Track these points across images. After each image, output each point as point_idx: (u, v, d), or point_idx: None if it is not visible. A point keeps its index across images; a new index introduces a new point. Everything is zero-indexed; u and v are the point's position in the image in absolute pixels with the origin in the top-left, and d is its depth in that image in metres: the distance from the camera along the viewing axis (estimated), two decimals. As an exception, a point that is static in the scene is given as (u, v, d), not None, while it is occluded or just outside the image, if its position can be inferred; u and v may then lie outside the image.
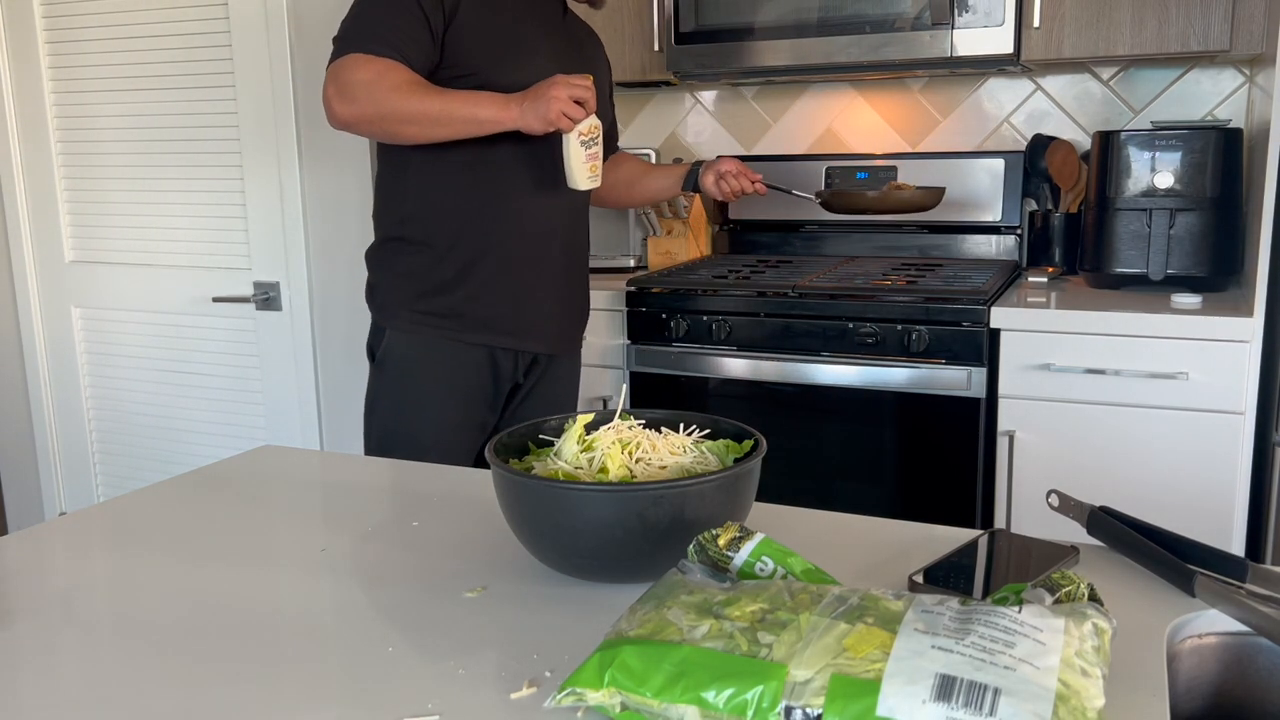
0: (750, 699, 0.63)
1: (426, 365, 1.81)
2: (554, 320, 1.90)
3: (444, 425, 1.81)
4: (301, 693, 0.75)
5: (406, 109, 1.65)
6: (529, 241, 1.82)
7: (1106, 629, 0.67)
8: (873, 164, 2.68)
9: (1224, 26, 2.11)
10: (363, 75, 1.65)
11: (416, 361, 1.81)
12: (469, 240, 1.79)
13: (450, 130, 1.68)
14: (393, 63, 1.66)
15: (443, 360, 1.81)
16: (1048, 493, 1.02)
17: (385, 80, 1.65)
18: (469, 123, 1.68)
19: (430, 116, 1.66)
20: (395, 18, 1.67)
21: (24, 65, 2.89)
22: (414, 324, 1.80)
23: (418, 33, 1.67)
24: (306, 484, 1.26)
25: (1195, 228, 2.16)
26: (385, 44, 1.66)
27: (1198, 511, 2.01)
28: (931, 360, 2.14)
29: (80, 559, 1.03)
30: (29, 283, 3.02)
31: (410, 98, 1.65)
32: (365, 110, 1.66)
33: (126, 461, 3.03)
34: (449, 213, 1.79)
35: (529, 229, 1.82)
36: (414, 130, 1.68)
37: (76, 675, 0.79)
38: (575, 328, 1.99)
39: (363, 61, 1.65)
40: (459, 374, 1.81)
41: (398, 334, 1.81)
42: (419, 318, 1.80)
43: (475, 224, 1.79)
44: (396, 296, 1.82)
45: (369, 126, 1.69)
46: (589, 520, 0.87)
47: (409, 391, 1.81)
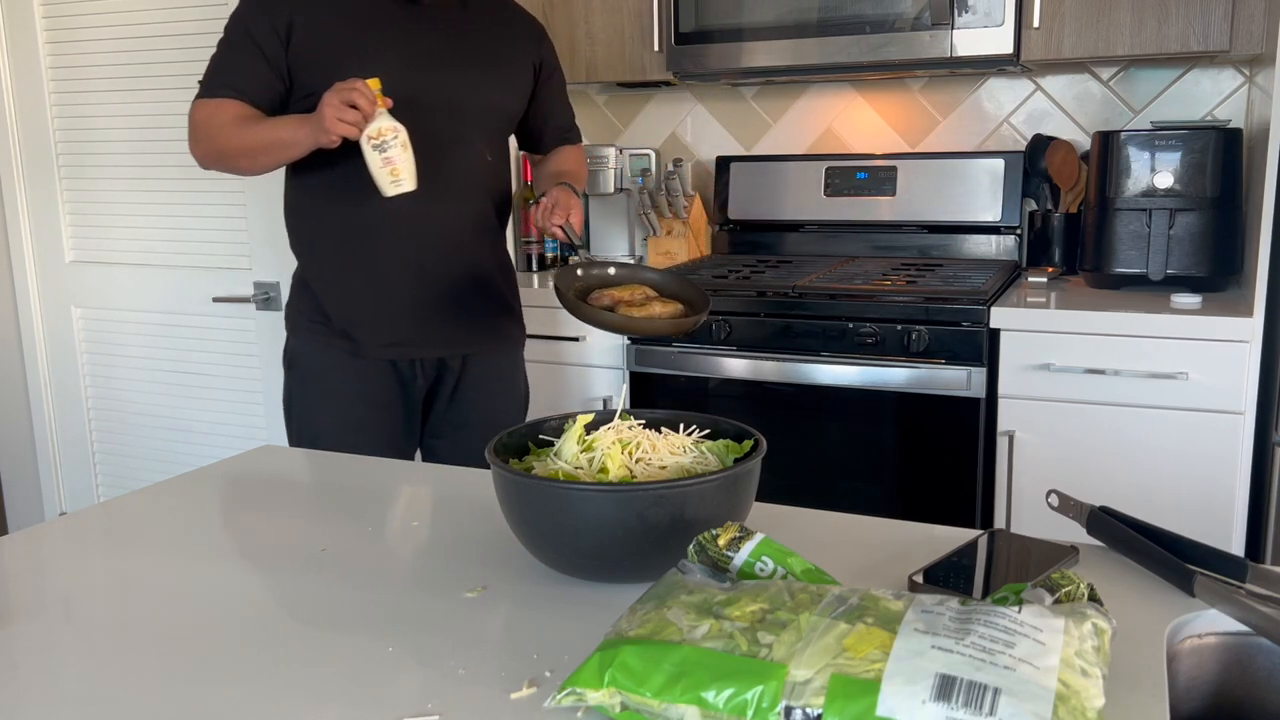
0: (750, 699, 0.63)
1: (328, 370, 1.83)
2: (444, 325, 1.85)
3: (355, 425, 1.81)
4: (301, 693, 0.75)
5: (233, 144, 1.72)
6: (396, 251, 1.79)
7: (1106, 629, 0.67)
8: (873, 164, 2.68)
9: (1224, 26, 2.11)
10: (198, 117, 1.74)
11: (319, 367, 1.84)
12: (339, 256, 1.80)
13: (272, 157, 1.71)
14: (224, 101, 1.72)
15: (341, 365, 1.82)
16: (1048, 493, 1.02)
17: (215, 120, 1.72)
18: (278, 147, 1.69)
19: (250, 148, 1.71)
20: (231, 54, 1.75)
21: (24, 65, 2.89)
22: (311, 334, 1.84)
23: (253, 65, 1.72)
24: (306, 484, 1.26)
25: (1195, 228, 2.16)
26: (221, 84, 1.74)
27: (1198, 511, 2.01)
28: (931, 360, 2.14)
29: (80, 559, 1.03)
30: (29, 283, 3.02)
31: (235, 133, 1.71)
32: (207, 149, 1.75)
33: (126, 461, 3.03)
34: (316, 231, 1.82)
35: (392, 239, 1.78)
36: (247, 163, 1.75)
37: (76, 675, 0.79)
38: (479, 328, 1.90)
39: (199, 105, 1.75)
40: (359, 378, 1.82)
41: (299, 343, 1.86)
42: (315, 327, 1.83)
43: (339, 240, 1.80)
44: (296, 307, 1.87)
45: (216, 164, 1.78)
46: (589, 520, 0.87)
47: (316, 394, 1.85)
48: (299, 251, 1.86)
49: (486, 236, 1.90)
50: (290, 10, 1.71)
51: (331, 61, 1.69)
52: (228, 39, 1.76)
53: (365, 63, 1.68)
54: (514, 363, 1.99)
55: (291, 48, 1.72)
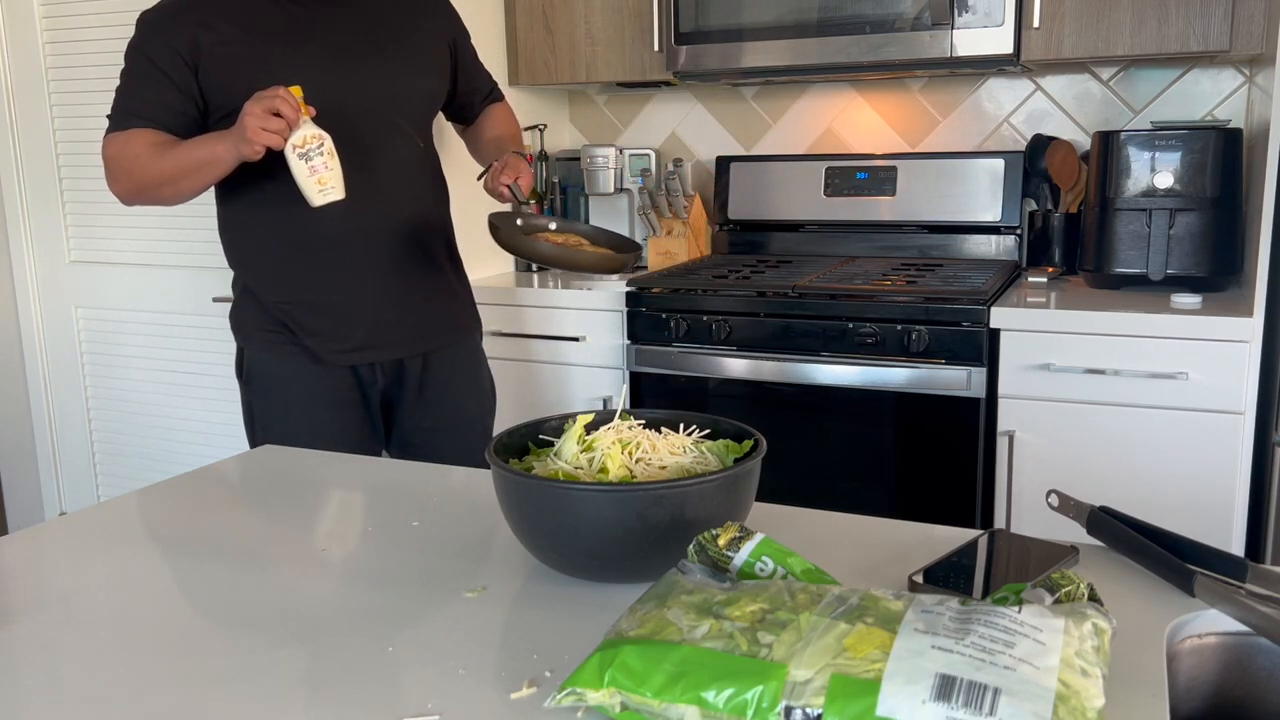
0: (750, 699, 0.63)
1: (286, 381, 1.80)
2: (395, 326, 1.82)
3: (318, 435, 1.75)
4: (302, 693, 0.75)
5: (150, 173, 1.67)
6: (329, 255, 1.75)
7: (1106, 629, 0.67)
8: (873, 164, 2.68)
9: (1224, 26, 2.11)
10: (110, 152, 1.70)
11: (276, 378, 1.81)
12: (283, 267, 1.77)
13: (195, 180, 1.67)
14: (134, 132, 1.68)
15: (300, 375, 1.80)
16: (1048, 493, 1.02)
17: (127, 151, 1.68)
18: (201, 166, 1.64)
19: (170, 174, 1.66)
20: (135, 84, 1.70)
21: (24, 65, 2.89)
22: (266, 344, 1.81)
23: (157, 91, 1.67)
24: (306, 484, 1.26)
25: (1195, 228, 2.16)
26: (127, 114, 1.69)
27: (1198, 511, 2.01)
28: (931, 360, 2.14)
29: (80, 559, 1.02)
30: (29, 283, 3.02)
31: (150, 162, 1.67)
32: (126, 185, 1.71)
33: (126, 461, 3.03)
34: (252, 243, 1.79)
35: (334, 245, 1.75)
36: (170, 190, 1.70)
37: (76, 675, 0.79)
38: (434, 324, 1.87)
39: (110, 140, 1.71)
40: (318, 385, 1.80)
41: (254, 353, 1.82)
42: (268, 337, 1.80)
43: (274, 250, 1.77)
44: (244, 318, 1.83)
45: (140, 197, 1.73)
46: (589, 520, 0.87)
47: (276, 405, 1.82)
48: (239, 264, 1.83)
49: (430, 227, 1.87)
50: (192, 31, 1.66)
51: (245, 76, 1.64)
52: (129, 69, 1.70)
53: (281, 71, 1.64)
54: (475, 355, 1.96)
55: (201, 69, 1.67)
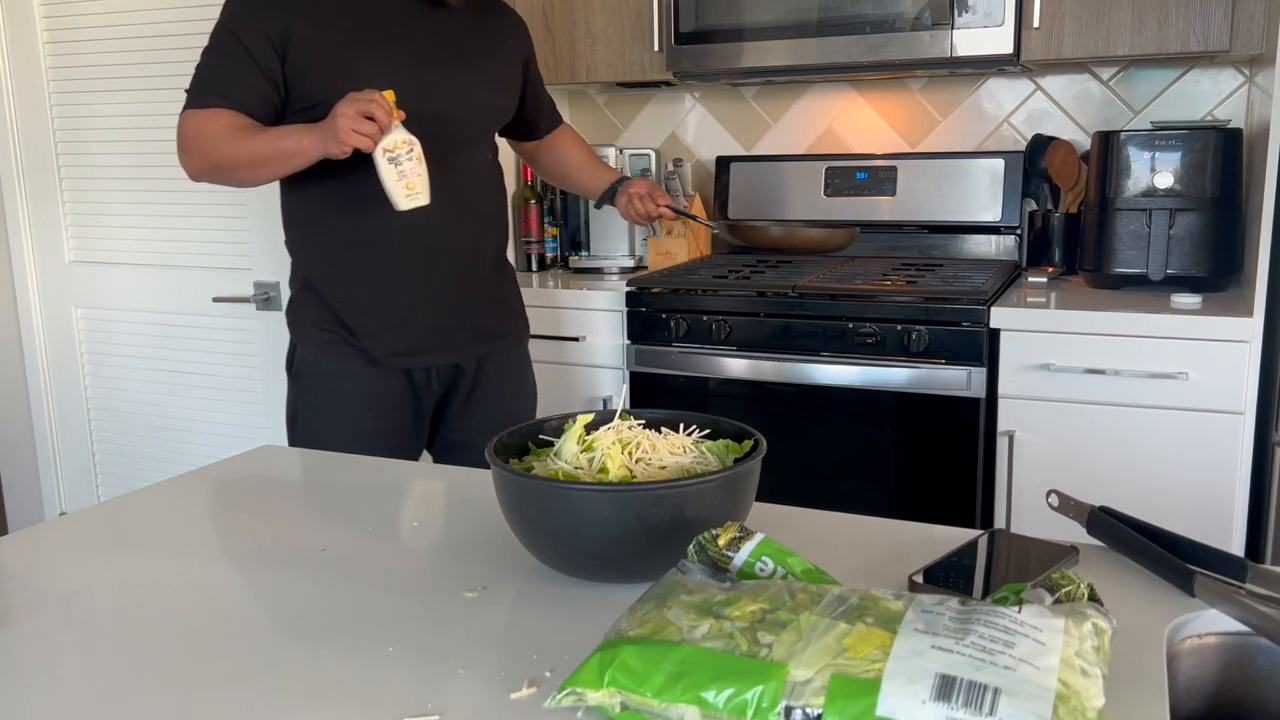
0: (750, 699, 0.63)
1: (337, 381, 1.79)
2: (456, 330, 1.83)
3: (362, 436, 1.75)
4: (301, 693, 0.75)
5: (228, 155, 1.66)
6: (397, 259, 1.75)
7: (1106, 629, 0.67)
8: (873, 164, 2.68)
9: (1224, 26, 2.11)
10: (189, 128, 1.68)
11: (328, 376, 1.80)
12: (340, 266, 1.76)
13: (273, 168, 1.66)
14: (215, 111, 1.66)
15: (353, 375, 1.78)
16: (1048, 493, 1.02)
17: (207, 130, 1.66)
18: (281, 157, 1.64)
19: (248, 159, 1.65)
20: (221, 63, 1.68)
21: (24, 65, 2.89)
22: (321, 343, 1.79)
23: (243, 74, 1.66)
24: (306, 484, 1.26)
25: (1195, 228, 2.16)
26: (210, 92, 1.67)
27: (1198, 511, 2.01)
28: (931, 360, 2.14)
29: (80, 559, 1.02)
30: (29, 283, 3.02)
31: (230, 144, 1.65)
32: (200, 162, 1.70)
33: (126, 461, 3.03)
34: (320, 240, 1.78)
35: (393, 247, 1.75)
36: (244, 175, 1.69)
37: (76, 675, 0.79)
38: (489, 331, 1.88)
39: (189, 116, 1.68)
40: (370, 388, 1.79)
41: (308, 351, 1.81)
42: (325, 335, 1.79)
43: (343, 249, 1.76)
44: (301, 315, 1.82)
45: (211, 176, 1.72)
46: (589, 520, 0.87)
47: (323, 406, 1.80)
48: (303, 260, 1.81)
49: (495, 237, 1.90)
50: (285, 19, 1.65)
51: (333, 72, 1.65)
52: (216, 47, 1.69)
53: (368, 72, 1.64)
54: (523, 358, 1.98)
55: (289, 58, 1.66)
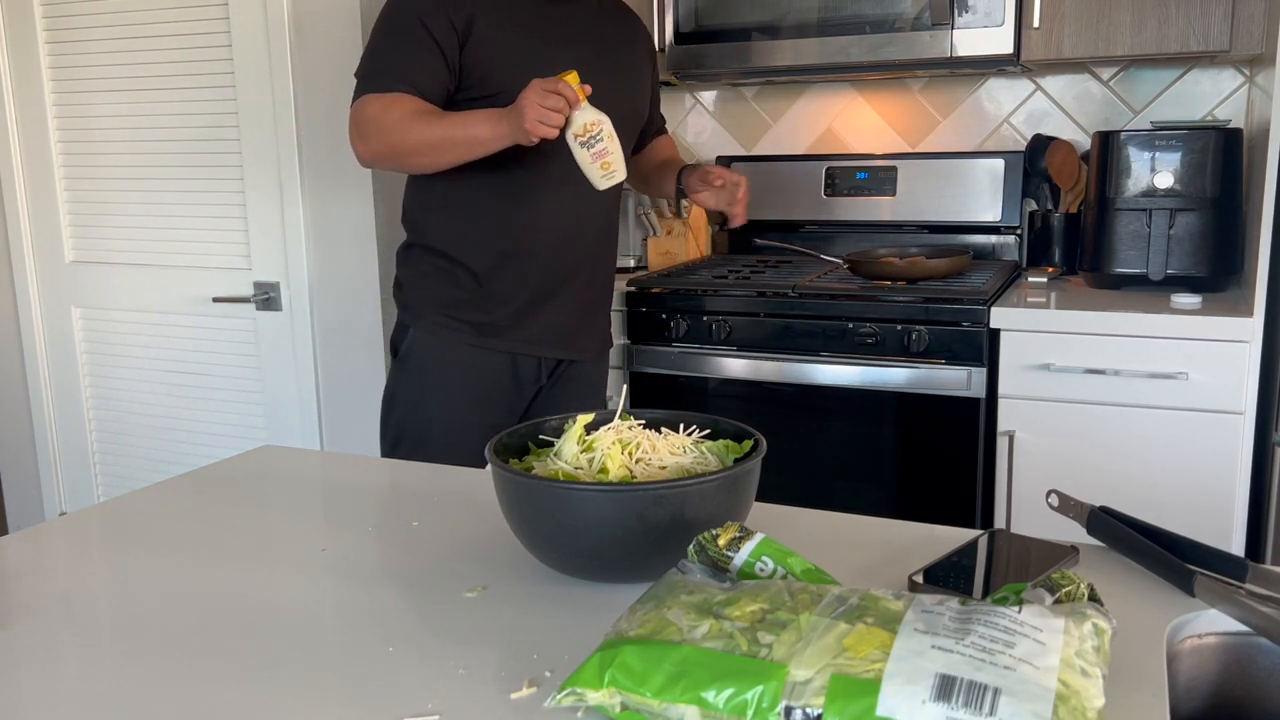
0: (750, 699, 0.63)
1: (447, 366, 1.81)
2: (577, 328, 1.89)
3: (460, 425, 1.79)
4: (301, 693, 0.75)
5: (412, 140, 1.66)
6: (550, 250, 1.80)
7: (1106, 629, 0.67)
8: (873, 164, 2.68)
9: (1224, 26, 2.11)
10: (370, 112, 1.67)
11: (437, 361, 1.81)
12: (490, 251, 1.78)
13: (456, 154, 1.67)
14: (398, 96, 1.66)
15: (464, 363, 1.80)
16: (1048, 493, 1.02)
17: (390, 114, 1.65)
18: (470, 144, 1.64)
19: (433, 144, 1.65)
20: (403, 47, 1.67)
21: (24, 65, 2.89)
22: (438, 326, 1.80)
23: (427, 59, 1.66)
24: (306, 484, 1.26)
25: (1195, 228, 2.16)
26: (393, 77, 1.67)
27: (1198, 511, 2.01)
28: (931, 360, 2.14)
29: (80, 559, 1.02)
30: (29, 283, 3.02)
31: (414, 128, 1.65)
32: (379, 147, 1.68)
33: (126, 461, 3.03)
34: (470, 224, 1.79)
35: (549, 238, 1.79)
36: (426, 160, 1.69)
37: (76, 675, 0.79)
38: (600, 333, 1.97)
39: (370, 100, 1.67)
40: (479, 376, 1.81)
41: (421, 334, 1.82)
42: (444, 320, 1.80)
43: (496, 235, 1.78)
44: (421, 297, 1.82)
45: (387, 161, 1.72)
46: (589, 520, 0.87)
47: (428, 390, 1.81)
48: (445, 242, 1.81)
49: (614, 243, 1.95)
50: (470, 8, 1.67)
51: (510, 65, 1.67)
52: (397, 29, 1.68)
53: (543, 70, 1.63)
54: (605, 368, 2.03)
55: (468, 47, 1.67)
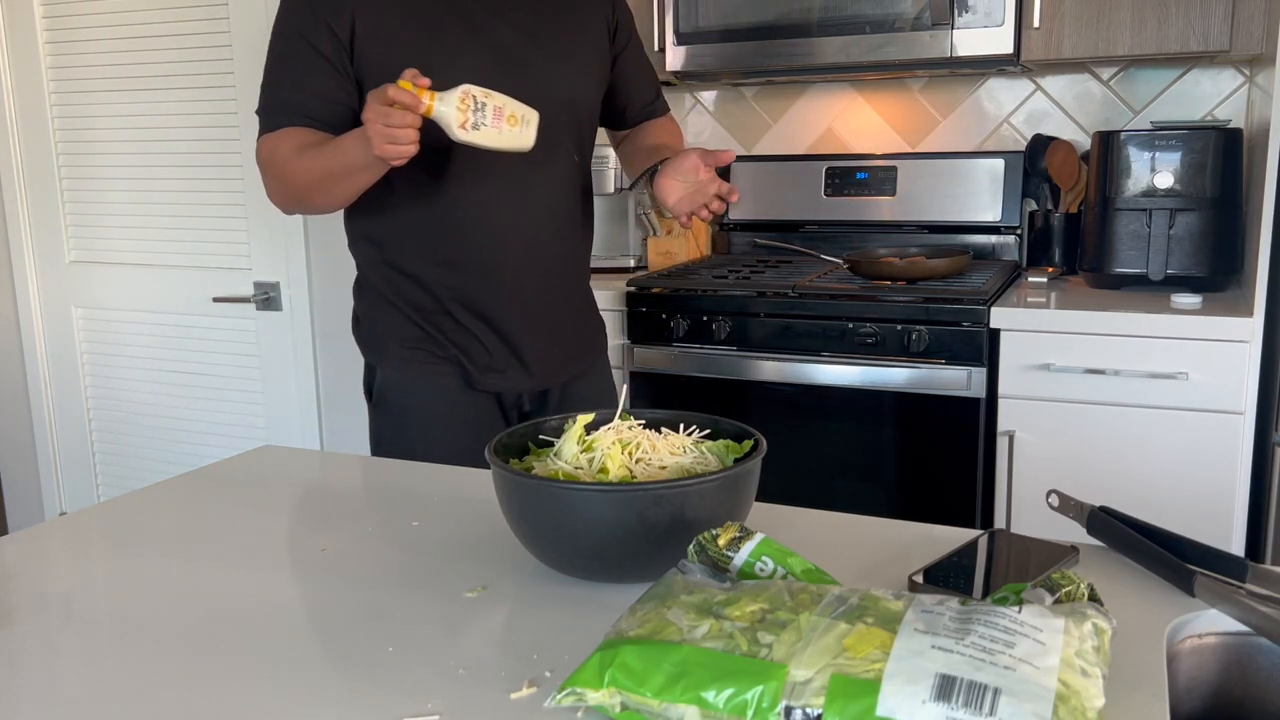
0: (750, 699, 0.63)
1: (425, 400, 1.61)
2: (548, 356, 1.65)
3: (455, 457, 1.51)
4: (301, 693, 0.75)
5: (300, 180, 1.47)
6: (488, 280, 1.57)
7: (1106, 629, 0.67)
8: (873, 164, 2.68)
9: (1224, 26, 2.11)
10: (263, 156, 1.50)
11: (415, 401, 1.61)
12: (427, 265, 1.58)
13: (347, 186, 1.46)
14: (285, 132, 1.48)
15: (441, 394, 1.61)
16: (1048, 493, 1.02)
17: (276, 156, 1.48)
18: (352, 172, 1.42)
19: (319, 180, 1.45)
20: (289, 72, 1.49)
21: (24, 65, 2.89)
22: (403, 361, 1.61)
23: (316, 81, 1.47)
24: (306, 484, 1.26)
25: (1195, 228, 2.16)
26: (279, 111, 1.49)
27: (1198, 511, 2.00)
28: (931, 360, 2.14)
29: (80, 559, 1.02)
30: (29, 283, 3.02)
31: (297, 167, 1.46)
32: (279, 196, 1.52)
33: (126, 461, 3.03)
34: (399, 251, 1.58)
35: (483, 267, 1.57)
36: (323, 199, 1.49)
37: (76, 675, 0.79)
38: (576, 351, 1.72)
39: (262, 143, 1.50)
40: (460, 407, 1.61)
41: (389, 371, 1.63)
42: (408, 353, 1.61)
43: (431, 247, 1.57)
44: (380, 330, 1.63)
45: (297, 208, 1.55)
46: (589, 520, 0.87)
47: (412, 429, 1.62)
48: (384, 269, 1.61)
49: (580, 247, 1.69)
50: (349, 11, 1.46)
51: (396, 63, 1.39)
52: (280, 53, 1.49)
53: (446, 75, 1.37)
54: (605, 373, 1.79)
55: (356, 54, 1.47)
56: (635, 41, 1.75)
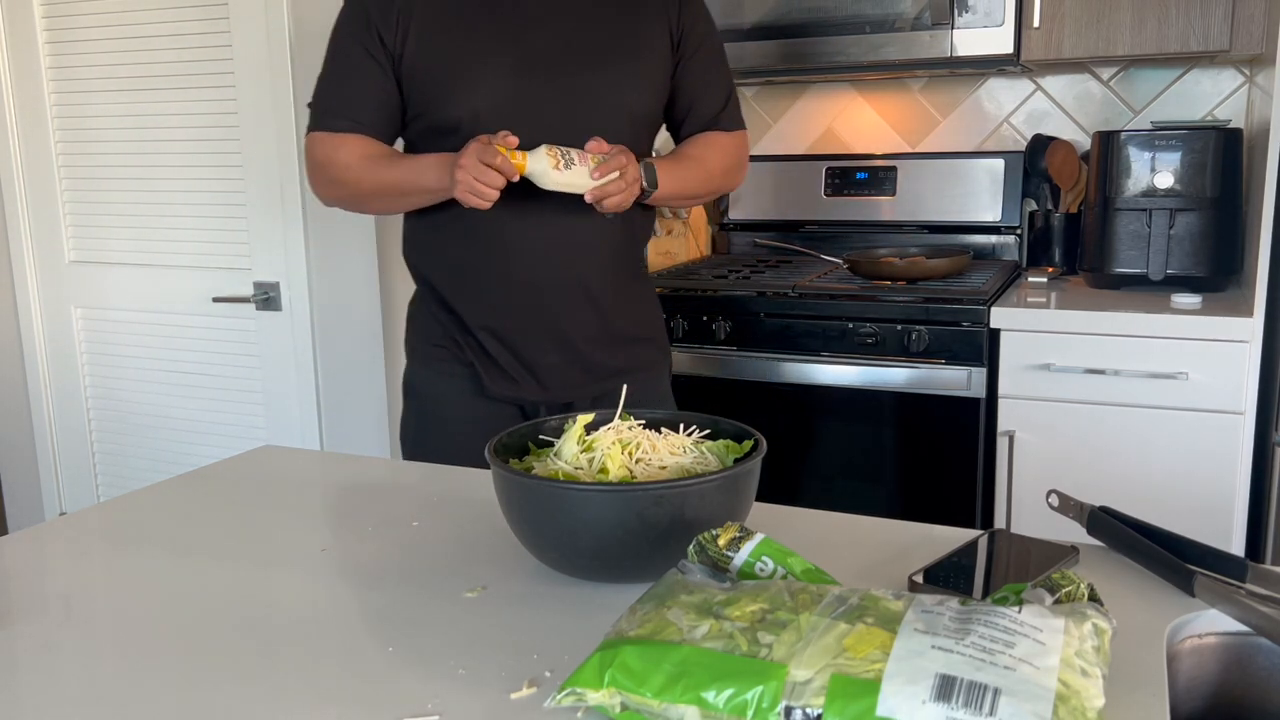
0: (750, 699, 0.63)
1: (447, 399, 1.66)
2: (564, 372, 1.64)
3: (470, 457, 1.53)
4: (301, 693, 0.75)
5: (365, 189, 1.56)
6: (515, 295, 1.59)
7: (1106, 629, 0.67)
8: (873, 164, 2.68)
9: (1224, 26, 2.11)
10: (319, 154, 1.58)
11: (436, 395, 1.68)
12: (466, 295, 1.62)
13: (411, 201, 1.57)
14: (345, 138, 1.56)
15: (458, 395, 1.65)
16: (1048, 493, 1.02)
17: (339, 158, 1.56)
18: (422, 194, 1.53)
19: (386, 191, 1.56)
20: (344, 78, 1.56)
21: (24, 65, 2.89)
22: (427, 358, 1.68)
23: (370, 89, 1.55)
24: (306, 484, 1.26)
25: (1195, 228, 2.16)
26: (338, 114, 1.56)
27: (1198, 511, 2.01)
28: (931, 360, 2.14)
29: (80, 559, 1.02)
30: (29, 283, 3.02)
31: (365, 176, 1.55)
32: (334, 194, 1.61)
33: (126, 461, 3.03)
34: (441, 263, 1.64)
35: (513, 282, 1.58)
36: (383, 205, 1.62)
37: (76, 675, 0.79)
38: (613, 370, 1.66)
39: (318, 140, 1.58)
40: (477, 410, 1.65)
41: (415, 366, 1.70)
42: (432, 352, 1.67)
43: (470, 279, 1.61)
44: (414, 327, 1.71)
45: (346, 205, 1.64)
46: (589, 520, 0.87)
47: (432, 423, 1.68)
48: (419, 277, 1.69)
49: (620, 267, 1.65)
50: (400, 14, 1.52)
51: (443, 75, 1.51)
52: (338, 54, 1.56)
53: (474, 80, 1.50)
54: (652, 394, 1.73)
55: (404, 63, 1.53)
56: (705, 52, 1.66)
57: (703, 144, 1.69)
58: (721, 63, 1.70)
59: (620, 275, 1.66)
